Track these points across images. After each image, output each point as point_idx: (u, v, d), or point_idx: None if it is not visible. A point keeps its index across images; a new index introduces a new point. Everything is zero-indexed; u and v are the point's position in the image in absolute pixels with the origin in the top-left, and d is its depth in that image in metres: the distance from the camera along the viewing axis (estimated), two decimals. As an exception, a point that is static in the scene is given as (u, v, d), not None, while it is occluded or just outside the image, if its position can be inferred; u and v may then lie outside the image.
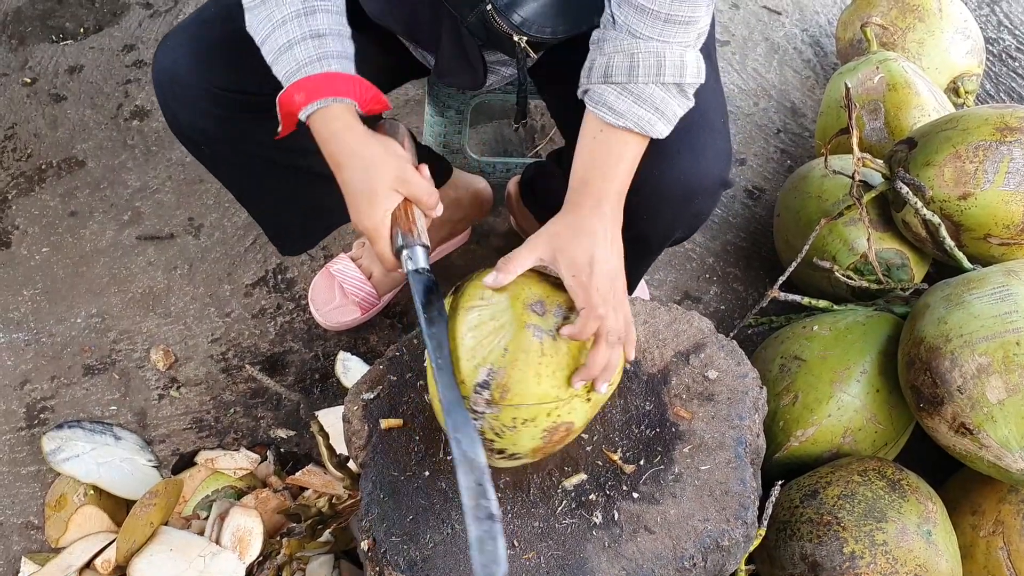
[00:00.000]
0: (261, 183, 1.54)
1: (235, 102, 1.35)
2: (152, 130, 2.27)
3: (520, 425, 1.13)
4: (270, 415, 1.83)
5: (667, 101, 1.22)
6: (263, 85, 1.31)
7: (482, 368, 1.11)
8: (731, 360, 1.38)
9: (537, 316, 1.14)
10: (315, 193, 1.55)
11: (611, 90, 1.22)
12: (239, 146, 1.42)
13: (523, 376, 1.11)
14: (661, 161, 1.30)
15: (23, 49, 2.43)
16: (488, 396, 1.11)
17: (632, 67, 1.20)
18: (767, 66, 2.41)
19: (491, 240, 2.09)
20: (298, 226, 1.68)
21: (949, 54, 2.11)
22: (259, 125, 1.37)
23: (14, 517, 1.72)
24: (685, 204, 1.37)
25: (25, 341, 1.94)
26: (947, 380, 1.36)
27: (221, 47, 1.34)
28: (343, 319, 1.91)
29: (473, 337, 1.13)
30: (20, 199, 2.15)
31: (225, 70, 1.34)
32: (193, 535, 1.56)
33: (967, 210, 1.61)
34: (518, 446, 1.16)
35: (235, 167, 1.50)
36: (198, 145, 1.44)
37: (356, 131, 1.22)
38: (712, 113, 1.36)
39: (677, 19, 1.19)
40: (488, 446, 1.15)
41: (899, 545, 1.33)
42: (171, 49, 1.36)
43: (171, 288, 2.01)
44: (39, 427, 1.82)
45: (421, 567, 1.19)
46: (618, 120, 1.22)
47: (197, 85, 1.34)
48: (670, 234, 1.45)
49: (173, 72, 1.35)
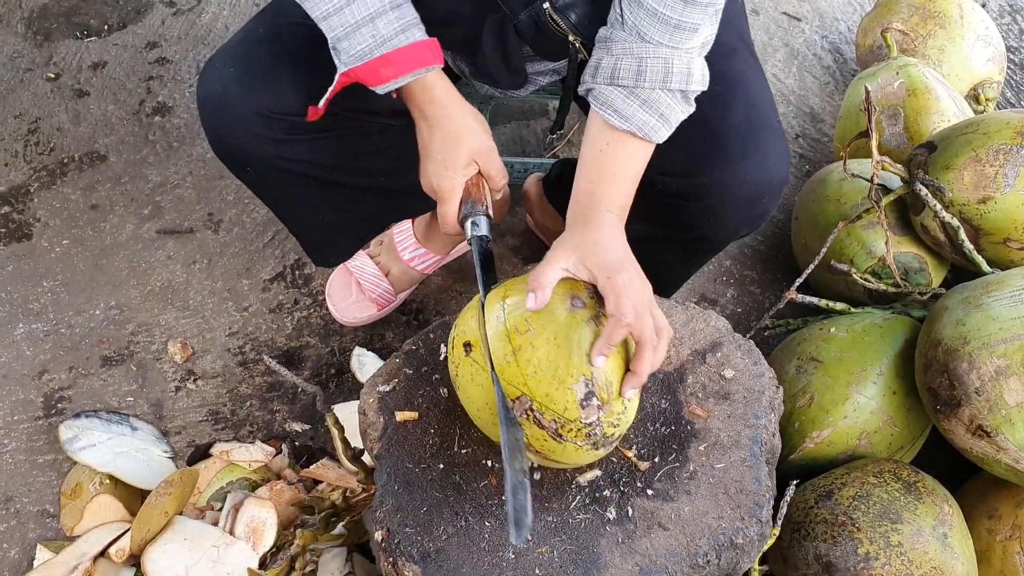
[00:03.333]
0: (301, 200, 1.55)
1: (282, 124, 1.36)
2: (173, 126, 2.29)
3: (627, 402, 1.16)
4: (285, 409, 1.84)
5: (672, 107, 1.23)
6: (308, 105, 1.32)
7: (576, 385, 1.12)
8: (748, 359, 1.37)
9: (581, 310, 1.15)
10: (353, 206, 1.57)
11: (617, 92, 1.22)
12: (283, 165, 1.43)
13: (612, 364, 1.14)
14: (727, 166, 1.30)
15: (48, 45, 2.46)
16: (597, 402, 1.12)
17: (640, 71, 1.21)
18: (786, 72, 2.41)
19: (507, 239, 2.09)
20: (335, 239, 1.70)
21: (970, 61, 2.10)
22: (304, 145, 1.39)
23: (30, 505, 1.73)
24: (752, 206, 1.37)
25: (44, 332, 1.96)
26: (965, 382, 1.35)
27: (269, 70, 1.35)
28: (360, 315, 1.92)
29: (550, 365, 1.12)
30: (42, 192, 2.17)
31: (272, 93, 1.34)
32: (207, 525, 1.57)
33: (986, 214, 1.61)
34: (629, 420, 1.19)
35: (277, 186, 1.51)
36: (243, 166, 1.45)
37: (453, 97, 1.28)
38: (768, 113, 1.36)
39: (686, 25, 1.19)
40: (609, 441, 1.17)
41: (914, 547, 1.33)
42: (218, 71, 1.36)
43: (190, 282, 2.03)
44: (56, 416, 1.83)
45: (434, 558, 1.19)
46: (623, 123, 1.22)
47: (246, 109, 1.34)
48: (735, 235, 1.46)
49: (222, 96, 1.35)
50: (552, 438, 1.14)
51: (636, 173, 1.25)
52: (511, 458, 1.09)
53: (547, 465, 1.23)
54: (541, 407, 1.12)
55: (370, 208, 1.62)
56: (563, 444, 1.14)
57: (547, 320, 1.14)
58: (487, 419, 1.19)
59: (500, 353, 1.14)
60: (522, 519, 1.07)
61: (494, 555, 1.19)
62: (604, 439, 1.15)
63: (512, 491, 1.08)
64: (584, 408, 1.12)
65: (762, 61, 2.40)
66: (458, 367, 1.20)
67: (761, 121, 1.34)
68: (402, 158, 1.46)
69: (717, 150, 1.27)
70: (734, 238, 1.48)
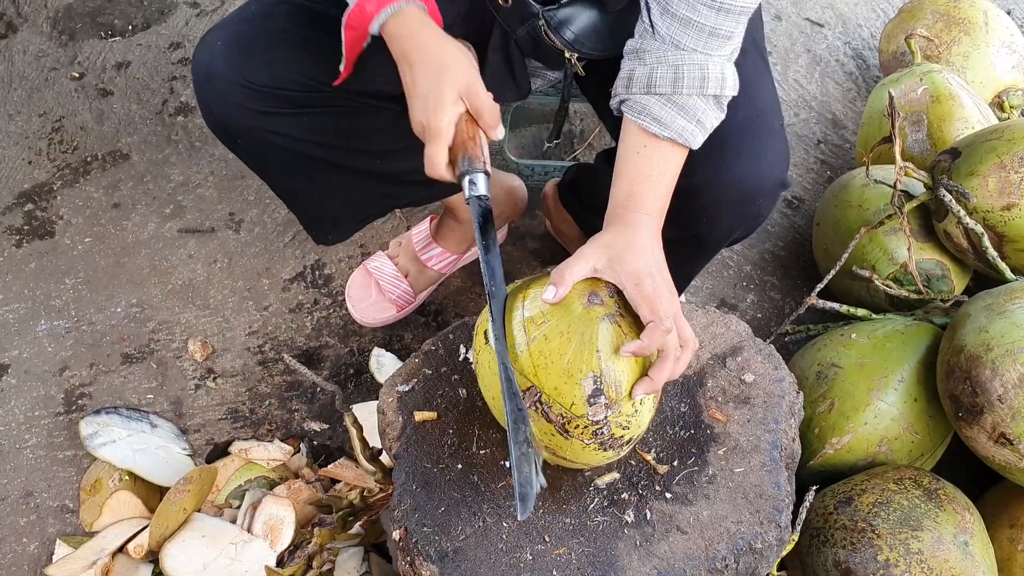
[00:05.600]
0: (294, 176, 1.55)
1: (269, 97, 1.36)
2: (196, 126, 2.30)
3: (639, 406, 1.15)
4: (304, 408, 1.85)
5: (707, 112, 1.23)
6: (297, 81, 1.33)
7: (585, 381, 1.11)
8: (768, 364, 1.37)
9: (599, 307, 1.15)
10: (347, 186, 1.56)
11: (655, 101, 1.22)
12: (273, 140, 1.43)
13: (624, 364, 1.12)
14: (721, 164, 1.30)
15: (73, 45, 2.48)
16: (605, 400, 1.11)
17: (677, 79, 1.21)
18: (808, 77, 2.41)
19: (527, 242, 2.09)
20: (331, 218, 1.69)
21: (994, 68, 2.09)
22: (293, 120, 1.39)
23: (50, 500, 1.74)
24: (745, 206, 1.37)
25: (66, 329, 1.97)
26: (987, 389, 1.34)
27: (258, 44, 1.36)
28: (379, 316, 1.93)
29: (560, 358, 1.12)
30: (65, 190, 2.19)
31: (260, 66, 1.35)
32: (225, 522, 1.57)
33: (1011, 221, 1.59)
34: (641, 426, 1.17)
35: (268, 160, 1.51)
36: (233, 138, 1.46)
37: (432, 29, 1.23)
38: (769, 114, 1.36)
39: (720, 32, 1.20)
40: (619, 444, 1.16)
41: (934, 554, 1.32)
42: (208, 45, 1.38)
43: (210, 281, 2.04)
44: (77, 413, 1.84)
45: (452, 558, 1.19)
46: (662, 131, 1.22)
47: (231, 80, 1.35)
48: (729, 235, 1.45)
49: (209, 67, 1.37)
50: (559, 433, 1.13)
51: (672, 177, 1.25)
52: (514, 430, 1.09)
53: (556, 462, 1.22)
54: (549, 400, 1.12)
55: (365, 190, 1.60)
56: (570, 440, 1.14)
57: (563, 314, 1.14)
58: (500, 408, 1.19)
59: (515, 342, 1.14)
60: (527, 493, 1.06)
61: (512, 555, 1.19)
62: (612, 440, 1.15)
63: (516, 464, 1.08)
64: (592, 405, 1.11)
65: (784, 67, 2.41)
66: (478, 354, 1.21)
67: (761, 122, 1.34)
68: (395, 142, 1.47)
69: (714, 150, 1.27)
70: (729, 239, 1.46)
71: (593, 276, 1.17)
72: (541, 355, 1.12)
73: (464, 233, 1.92)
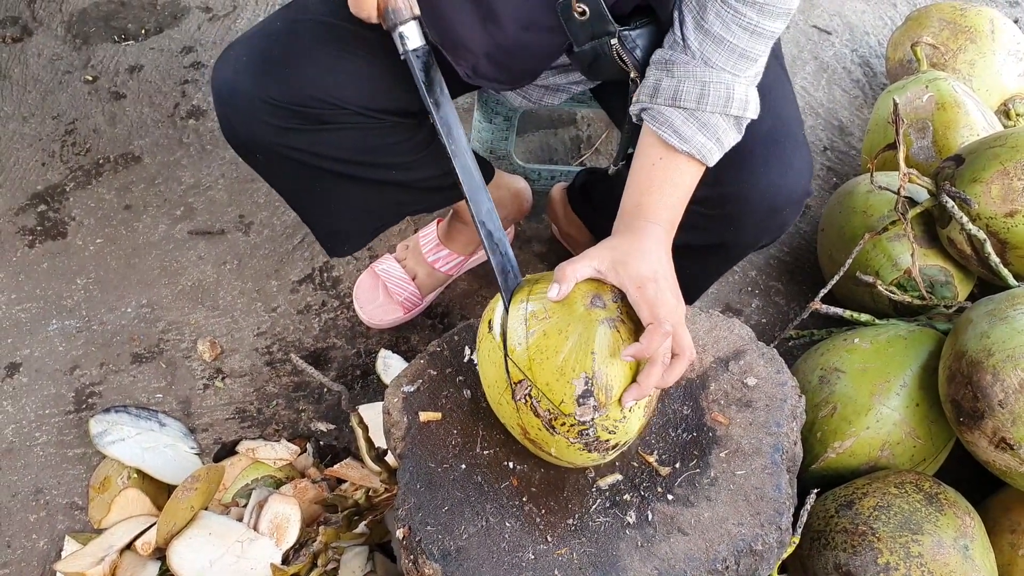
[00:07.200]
0: (311, 189, 1.56)
1: (292, 114, 1.38)
2: (207, 129, 2.32)
3: (628, 413, 1.16)
4: (311, 408, 1.87)
5: (727, 132, 1.25)
6: (320, 99, 1.35)
7: (576, 380, 1.12)
8: (770, 368, 1.38)
9: (600, 310, 1.16)
10: (364, 198, 1.58)
11: (678, 114, 1.24)
12: (292, 155, 1.44)
13: (618, 370, 1.14)
14: (748, 174, 1.31)
15: (86, 48, 2.50)
16: (594, 402, 1.13)
17: (702, 95, 1.22)
18: (815, 84, 2.42)
19: (533, 246, 2.11)
20: (345, 230, 1.71)
21: (1000, 76, 2.10)
22: (314, 136, 1.40)
23: (59, 497, 1.76)
24: (772, 216, 1.38)
25: (77, 328, 1.99)
26: (988, 394, 1.35)
27: (283, 61, 1.37)
28: (386, 318, 1.94)
29: (555, 355, 1.14)
30: (77, 192, 2.21)
31: (285, 83, 1.36)
32: (232, 521, 1.59)
33: (1014, 227, 1.60)
34: (629, 433, 1.18)
35: (287, 175, 1.53)
36: (252, 154, 1.47)
37: None
38: (793, 124, 1.37)
39: (750, 55, 1.22)
40: (604, 447, 1.17)
41: (935, 558, 1.32)
42: (232, 61, 1.39)
43: (220, 282, 2.06)
44: (87, 411, 1.86)
45: (455, 557, 1.20)
46: (681, 144, 1.23)
47: (255, 96, 1.36)
48: (755, 244, 1.46)
49: (233, 83, 1.38)
50: (545, 428, 1.15)
51: (686, 191, 1.26)
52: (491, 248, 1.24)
53: (539, 455, 1.24)
54: (539, 395, 1.14)
55: (382, 201, 1.62)
56: (555, 437, 1.16)
57: (564, 312, 1.15)
58: (495, 397, 1.22)
59: (516, 335, 1.16)
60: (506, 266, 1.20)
61: (514, 555, 1.20)
62: (597, 442, 1.16)
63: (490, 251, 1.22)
64: (580, 405, 1.12)
65: (792, 74, 2.42)
66: (480, 342, 1.23)
67: (786, 132, 1.35)
68: (412, 153, 1.49)
69: (740, 159, 1.28)
70: (754, 247, 1.48)
71: (597, 278, 1.19)
72: (538, 350, 1.14)
73: (471, 235, 1.94)
